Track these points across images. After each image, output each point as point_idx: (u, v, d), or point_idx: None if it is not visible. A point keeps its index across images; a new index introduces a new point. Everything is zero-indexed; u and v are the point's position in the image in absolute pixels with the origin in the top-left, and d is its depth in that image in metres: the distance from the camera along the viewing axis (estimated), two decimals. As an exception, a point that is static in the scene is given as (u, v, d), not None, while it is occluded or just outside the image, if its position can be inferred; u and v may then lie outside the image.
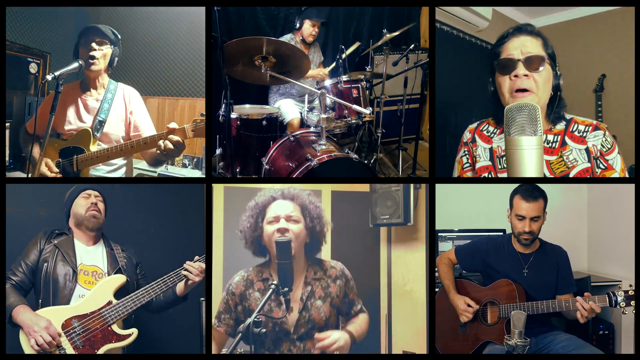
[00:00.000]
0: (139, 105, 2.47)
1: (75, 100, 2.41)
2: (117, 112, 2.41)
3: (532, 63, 1.69)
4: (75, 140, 2.34)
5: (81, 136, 2.34)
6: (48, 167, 2.28)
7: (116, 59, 2.42)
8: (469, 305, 2.18)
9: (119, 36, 2.43)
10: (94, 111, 2.38)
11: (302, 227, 1.85)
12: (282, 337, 1.79)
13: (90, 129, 2.34)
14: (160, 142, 2.07)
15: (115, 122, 2.40)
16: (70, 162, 2.31)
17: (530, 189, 2.15)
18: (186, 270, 2.04)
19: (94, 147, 2.31)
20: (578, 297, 1.94)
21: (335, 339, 1.75)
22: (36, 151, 2.37)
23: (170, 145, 2.05)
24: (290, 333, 1.80)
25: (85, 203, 2.16)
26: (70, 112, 2.40)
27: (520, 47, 1.71)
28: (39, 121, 2.30)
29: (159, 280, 2.07)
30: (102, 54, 2.34)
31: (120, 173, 2.49)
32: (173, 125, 2.06)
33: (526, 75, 1.68)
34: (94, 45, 2.31)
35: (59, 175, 2.30)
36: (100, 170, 2.42)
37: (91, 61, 2.32)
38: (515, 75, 1.70)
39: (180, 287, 2.10)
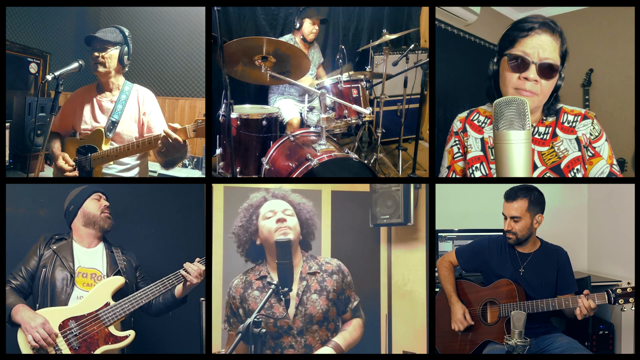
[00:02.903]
0: (152, 106, 2.50)
1: (91, 101, 2.48)
2: (131, 113, 2.45)
3: (544, 71, 1.67)
4: (89, 139, 2.42)
5: (94, 135, 2.41)
6: (65, 161, 2.38)
7: (126, 57, 2.45)
8: (465, 318, 2.19)
9: (126, 33, 2.45)
10: (108, 112, 2.44)
11: (297, 222, 1.90)
12: (283, 332, 1.80)
13: (102, 129, 2.39)
14: (162, 138, 2.10)
15: (128, 123, 2.44)
16: (85, 160, 2.38)
17: (513, 189, 2.18)
18: (185, 271, 2.04)
19: (106, 147, 2.37)
20: (581, 295, 1.94)
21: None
22: (57, 147, 2.50)
23: (169, 139, 2.05)
24: (292, 328, 1.81)
25: (97, 205, 2.19)
26: (87, 113, 2.47)
27: (539, 48, 1.67)
28: (60, 118, 2.52)
29: (157, 282, 2.07)
30: (108, 56, 2.37)
31: (132, 173, 2.53)
32: (175, 125, 2.10)
33: (536, 81, 1.67)
34: (95, 54, 2.36)
35: (74, 173, 2.37)
36: (113, 169, 2.46)
37: (96, 66, 2.38)
38: (525, 77, 1.67)
39: (178, 289, 2.10)
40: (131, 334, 2.01)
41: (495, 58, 1.80)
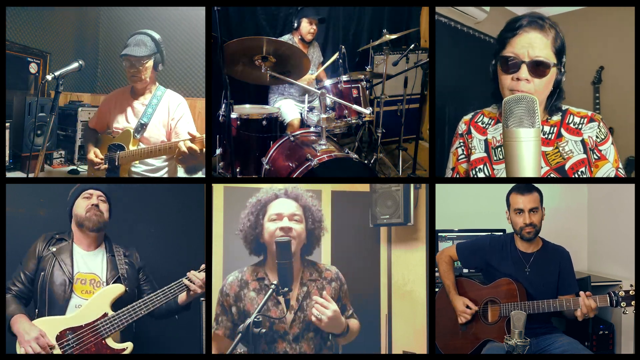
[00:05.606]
0: (182, 113, 2.56)
1: (124, 103, 2.59)
2: (160, 117, 2.52)
3: (536, 69, 1.64)
4: (119, 138, 2.53)
5: (124, 135, 2.53)
6: (95, 154, 2.57)
7: (159, 64, 2.55)
8: (468, 307, 2.19)
9: (157, 38, 2.52)
10: (139, 114, 2.53)
11: (304, 227, 1.84)
12: (278, 337, 1.76)
13: (131, 130, 2.49)
14: (179, 145, 2.19)
15: (156, 127, 2.51)
16: (113, 156, 2.53)
17: (524, 184, 2.17)
18: (189, 279, 2.01)
19: (133, 147, 2.47)
20: (581, 293, 1.94)
21: (334, 309, 1.70)
22: (91, 142, 2.70)
23: (184, 149, 2.16)
24: (287, 333, 1.77)
25: (85, 204, 2.12)
26: (120, 113, 2.59)
27: (528, 47, 1.64)
28: (97, 117, 2.76)
29: (158, 292, 2.03)
30: (144, 69, 2.47)
31: (160, 174, 2.63)
32: (195, 133, 2.21)
33: (527, 80, 1.64)
34: (132, 70, 2.45)
35: (103, 166, 2.54)
36: (139, 168, 2.55)
37: (134, 79, 2.48)
38: (517, 78, 1.65)
39: (182, 297, 2.07)
40: (128, 346, 1.97)
41: (493, 60, 1.78)
